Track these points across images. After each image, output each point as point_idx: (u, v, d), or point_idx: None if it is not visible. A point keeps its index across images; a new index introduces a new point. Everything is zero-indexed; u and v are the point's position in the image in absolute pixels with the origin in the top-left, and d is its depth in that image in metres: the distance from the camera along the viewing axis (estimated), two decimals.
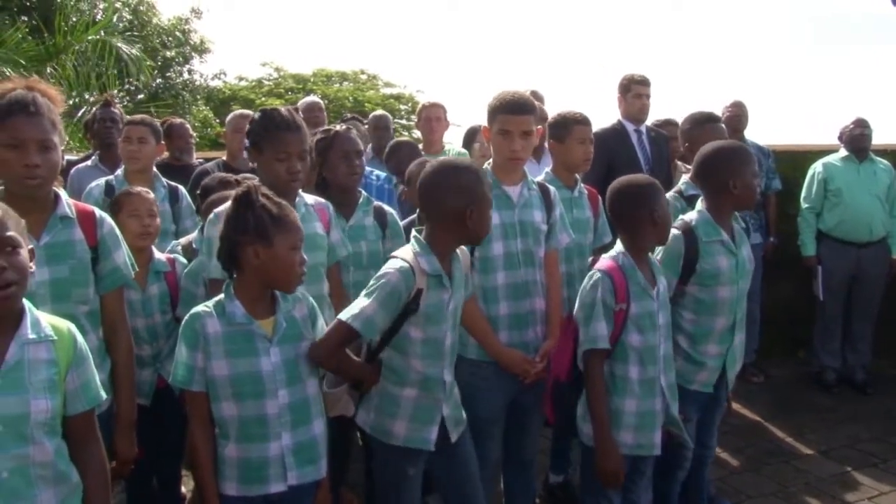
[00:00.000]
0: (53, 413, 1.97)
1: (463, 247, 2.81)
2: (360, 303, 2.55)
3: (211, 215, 2.84)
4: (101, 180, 4.26)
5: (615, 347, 2.91)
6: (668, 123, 5.73)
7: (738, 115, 5.94)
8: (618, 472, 2.89)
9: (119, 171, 4.31)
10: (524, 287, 3.15)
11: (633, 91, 5.28)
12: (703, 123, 4.30)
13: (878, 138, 6.10)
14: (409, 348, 2.63)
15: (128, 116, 4.88)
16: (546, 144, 4.15)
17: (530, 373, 3.12)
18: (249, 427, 2.38)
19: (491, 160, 3.29)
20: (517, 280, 3.11)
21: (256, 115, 3.00)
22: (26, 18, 15.56)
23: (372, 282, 2.60)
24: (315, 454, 2.48)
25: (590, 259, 3.72)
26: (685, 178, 4.02)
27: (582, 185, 3.85)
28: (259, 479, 2.39)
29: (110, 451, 2.47)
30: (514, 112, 3.11)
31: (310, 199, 3.06)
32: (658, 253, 3.21)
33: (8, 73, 9.42)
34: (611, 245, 3.23)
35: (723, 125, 4.52)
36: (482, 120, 3.32)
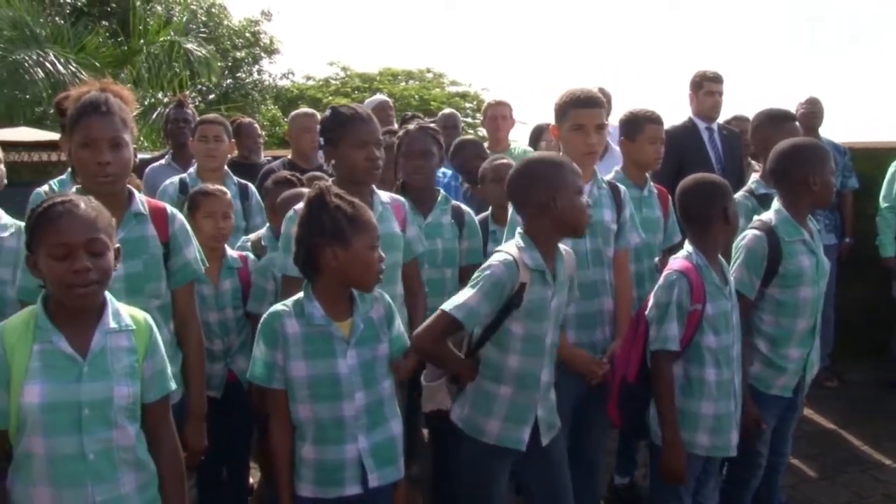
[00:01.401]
0: (134, 398, 2.06)
1: (569, 249, 2.81)
2: (464, 294, 2.56)
3: (290, 212, 2.86)
4: (175, 178, 4.35)
5: (690, 349, 2.86)
6: (739, 119, 5.58)
7: (813, 113, 5.77)
8: (682, 471, 2.84)
9: (192, 169, 4.40)
10: (592, 287, 3.12)
11: (706, 88, 5.17)
12: (779, 122, 4.15)
13: None
14: (509, 344, 2.62)
15: (199, 116, 4.98)
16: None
17: (598, 374, 3.09)
18: (326, 429, 2.39)
19: None
20: (586, 280, 3.07)
21: (326, 113, 3.02)
22: (106, 23, 16.09)
23: (476, 273, 2.61)
24: (393, 454, 2.48)
25: (657, 259, 3.65)
26: (756, 176, 3.92)
27: (652, 184, 3.79)
28: (335, 481, 2.39)
29: (181, 442, 2.53)
30: (586, 106, 3.10)
31: (385, 196, 3.06)
32: (735, 254, 3.14)
33: (85, 78, 9.75)
34: (680, 245, 3.17)
35: (798, 124, 4.38)
36: (548, 118, 3.30)
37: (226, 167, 4.40)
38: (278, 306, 2.45)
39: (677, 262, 2.92)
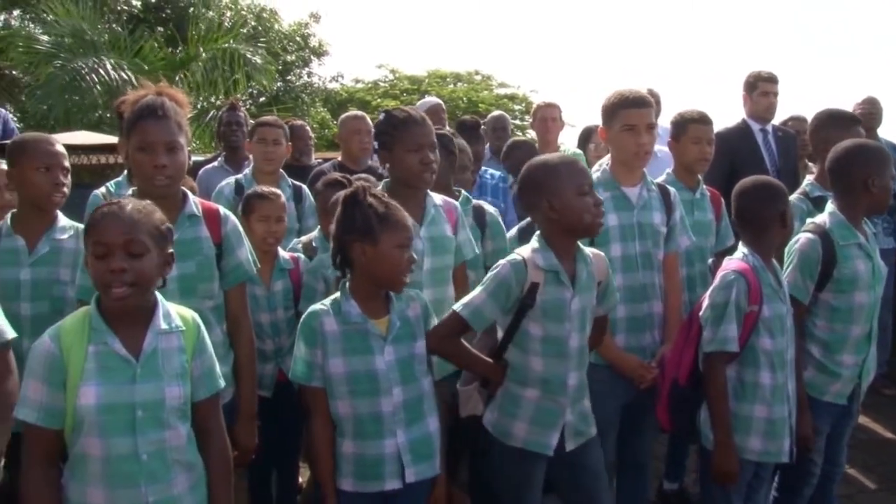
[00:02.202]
0: (185, 399, 2.09)
1: (600, 253, 2.79)
2: (473, 293, 2.60)
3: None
4: (231, 179, 4.39)
5: (745, 352, 2.82)
6: (796, 120, 5.47)
7: (871, 113, 5.61)
8: (733, 473, 2.80)
9: (247, 170, 4.45)
10: (642, 290, 3.09)
11: (760, 89, 5.08)
12: (843, 124, 4.02)
13: None
14: (530, 346, 2.62)
15: (252, 119, 5.05)
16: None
17: (646, 378, 3.06)
18: (365, 424, 2.43)
19: (608, 161, 3.24)
20: (635, 283, 3.05)
21: (380, 117, 3.03)
22: (162, 29, 16.44)
23: (488, 273, 2.63)
24: (430, 451, 2.50)
25: (710, 262, 3.60)
26: (810, 178, 3.84)
27: (704, 186, 3.74)
28: (375, 475, 2.43)
29: (231, 440, 2.57)
30: (637, 106, 3.09)
31: (438, 199, 3.06)
32: (789, 260, 3.09)
33: (139, 83, 9.96)
34: (733, 249, 3.12)
35: (860, 127, 4.26)
36: (596, 120, 3.28)
37: (280, 169, 4.45)
38: (316, 306, 2.50)
39: (734, 262, 2.88)
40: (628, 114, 3.08)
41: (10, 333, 2.34)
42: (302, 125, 5.70)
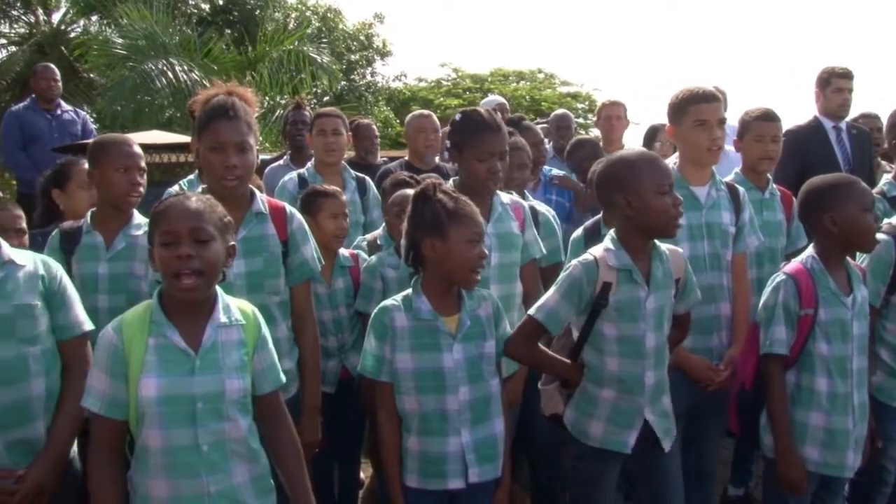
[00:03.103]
0: (245, 392, 2.12)
1: (677, 249, 2.75)
2: (546, 295, 2.58)
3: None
4: (294, 174, 4.41)
5: (801, 356, 2.74)
6: (867, 117, 5.30)
7: None
8: (799, 482, 2.72)
9: (310, 164, 4.46)
10: (709, 291, 3.04)
11: (834, 85, 4.92)
12: None
13: None
14: (605, 346, 2.59)
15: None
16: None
17: (713, 381, 3.01)
18: (430, 421, 2.44)
19: (675, 160, 3.19)
20: (702, 283, 2.99)
21: (457, 116, 3.03)
22: (229, 31, 16.81)
23: (560, 274, 2.61)
24: (494, 452, 2.50)
25: (783, 264, 3.51)
26: (888, 177, 3.72)
27: (774, 186, 3.65)
28: (438, 473, 2.44)
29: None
30: (708, 100, 3.06)
31: (506, 197, 3.06)
32: (862, 259, 2.99)
33: (208, 84, 10.19)
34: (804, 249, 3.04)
35: None
36: (660, 119, 3.23)
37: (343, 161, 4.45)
38: (388, 301, 2.53)
39: (791, 265, 2.83)
40: (699, 109, 3.04)
41: (89, 325, 2.42)
42: (368, 124, 5.73)
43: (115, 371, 2.04)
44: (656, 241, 2.64)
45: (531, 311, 2.57)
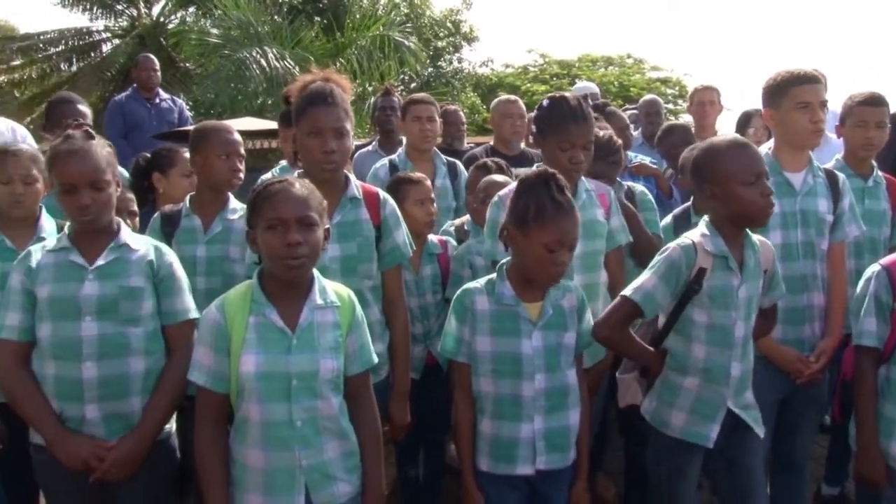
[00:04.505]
0: (338, 372, 2.20)
1: (766, 241, 2.69)
2: (642, 277, 2.54)
3: (494, 198, 2.92)
4: (385, 160, 4.45)
5: (895, 350, 2.64)
6: None
7: None
8: (877, 481, 2.63)
9: (401, 151, 4.50)
10: (802, 280, 2.96)
11: None
12: None
13: None
14: (693, 333, 2.56)
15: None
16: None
17: (804, 373, 2.94)
18: (504, 406, 2.46)
19: (770, 145, 3.10)
20: (795, 272, 2.92)
21: (545, 102, 3.02)
22: (319, 19, 17.08)
23: (656, 257, 2.58)
24: (565, 443, 2.50)
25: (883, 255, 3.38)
26: None
27: (880, 173, 3.50)
28: (508, 458, 2.46)
29: (385, 417, 2.66)
30: (811, 82, 2.96)
31: (591, 184, 3.04)
32: None
33: (298, 72, 10.38)
34: None
35: None
36: (752, 105, 3.14)
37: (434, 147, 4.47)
38: (472, 284, 2.56)
39: (889, 256, 2.73)
40: (801, 90, 2.94)
41: (195, 314, 2.51)
42: (455, 110, 5.75)
43: (218, 347, 2.15)
44: (748, 231, 2.59)
45: (626, 291, 2.53)
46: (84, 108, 4.26)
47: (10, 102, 17.24)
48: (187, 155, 3.36)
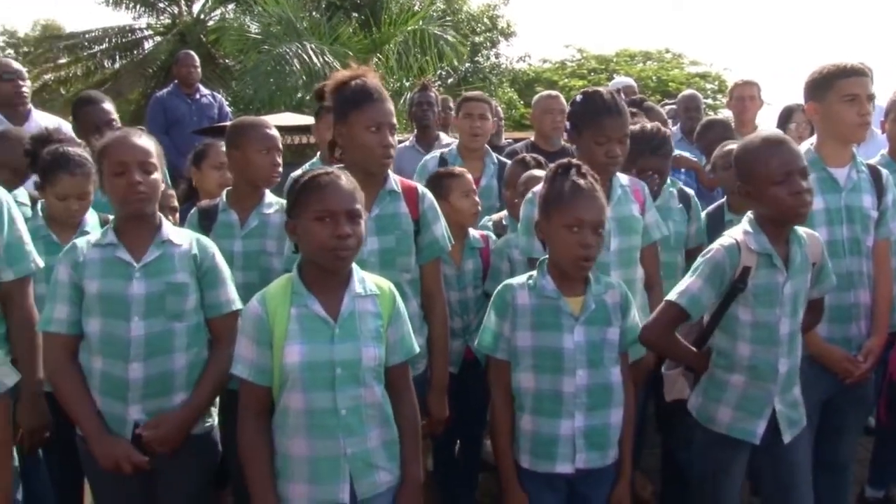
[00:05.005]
0: (380, 360, 2.22)
1: (815, 234, 2.66)
2: (686, 280, 2.52)
3: (529, 194, 2.91)
4: (437, 153, 4.46)
5: None
6: None
7: None
8: None
9: (453, 146, 4.50)
10: (848, 278, 2.91)
11: None
12: None
13: None
14: (738, 331, 2.53)
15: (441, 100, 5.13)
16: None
17: (852, 373, 2.88)
18: (544, 401, 2.44)
19: (813, 141, 3.05)
20: (840, 270, 2.86)
21: (578, 97, 3.01)
22: (356, 14, 17.16)
23: (698, 259, 2.56)
24: (605, 441, 2.47)
25: None
26: None
27: None
28: (547, 455, 2.44)
29: (424, 410, 2.67)
30: (858, 74, 2.90)
31: (625, 179, 3.03)
32: None
33: (338, 67, 10.44)
34: None
35: None
36: (794, 100, 3.09)
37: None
38: (512, 279, 2.55)
39: None
40: (848, 83, 2.89)
41: (238, 304, 2.54)
42: (493, 105, 5.74)
43: (260, 339, 2.17)
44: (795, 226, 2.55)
45: (671, 296, 2.51)
46: (108, 106, 4.27)
47: (56, 100, 17.59)
48: (220, 148, 3.39)
